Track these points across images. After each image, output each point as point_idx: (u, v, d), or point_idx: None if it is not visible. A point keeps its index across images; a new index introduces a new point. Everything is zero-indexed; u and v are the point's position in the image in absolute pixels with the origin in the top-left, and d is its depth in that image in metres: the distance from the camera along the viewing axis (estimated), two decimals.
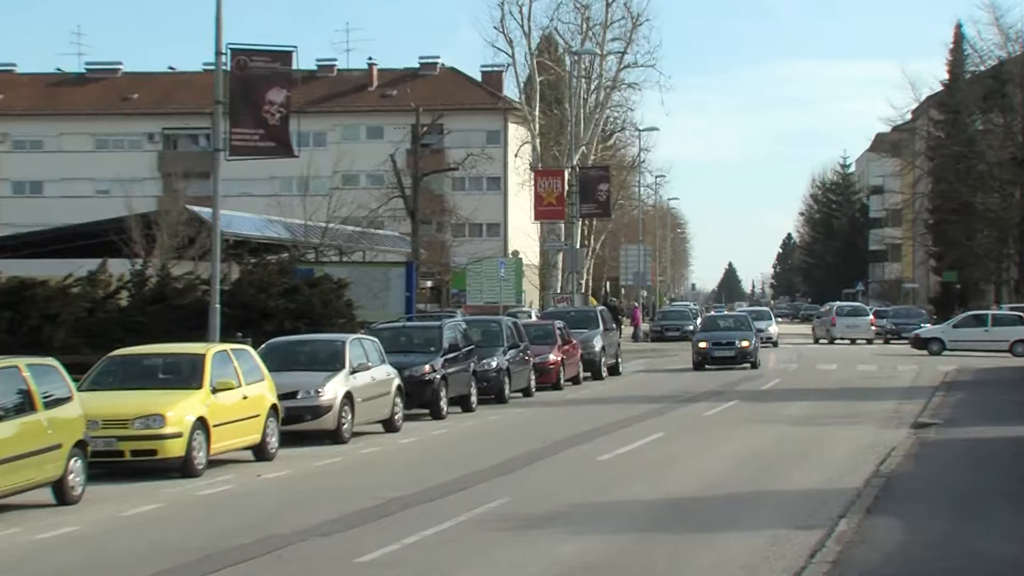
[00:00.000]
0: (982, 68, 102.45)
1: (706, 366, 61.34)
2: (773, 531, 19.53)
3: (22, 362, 24.14)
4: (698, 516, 21.53)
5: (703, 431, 35.33)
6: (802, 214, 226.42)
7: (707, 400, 44.45)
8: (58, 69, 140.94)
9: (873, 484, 23.76)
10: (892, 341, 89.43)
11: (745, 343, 61.99)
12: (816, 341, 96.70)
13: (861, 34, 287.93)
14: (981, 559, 16.86)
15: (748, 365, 61.67)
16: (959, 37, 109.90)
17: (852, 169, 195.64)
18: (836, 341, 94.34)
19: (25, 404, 22.98)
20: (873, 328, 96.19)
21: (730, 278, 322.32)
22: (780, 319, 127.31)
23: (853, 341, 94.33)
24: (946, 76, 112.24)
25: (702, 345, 63.20)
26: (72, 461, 23.72)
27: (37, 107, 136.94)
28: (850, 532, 18.67)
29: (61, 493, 23.52)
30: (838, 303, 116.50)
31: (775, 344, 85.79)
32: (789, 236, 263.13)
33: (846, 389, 49.49)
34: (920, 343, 76.05)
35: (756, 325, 77.97)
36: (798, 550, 17.92)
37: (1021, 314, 76.22)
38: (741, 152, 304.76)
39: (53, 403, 23.68)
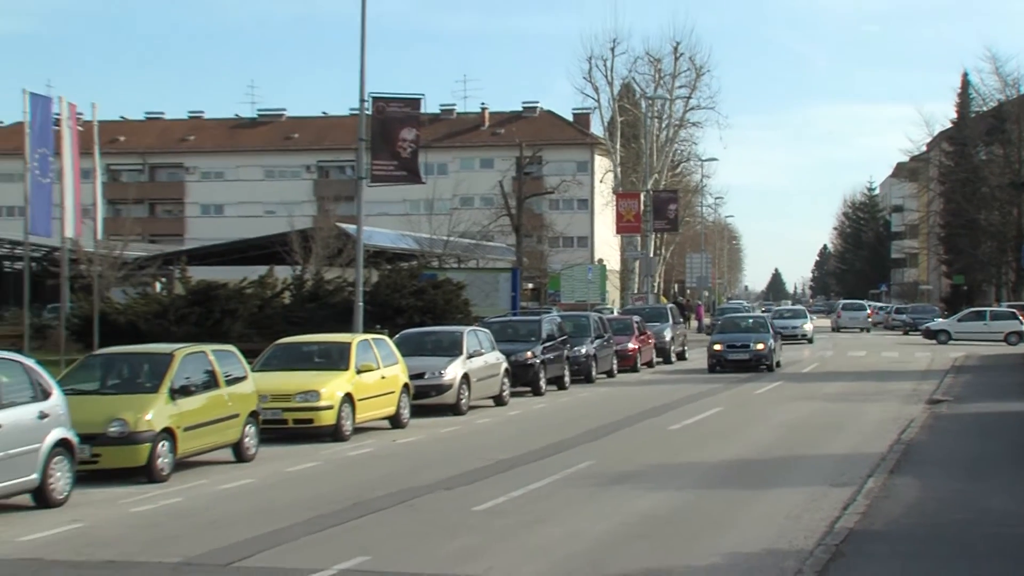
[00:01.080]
0: (985, 108, 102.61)
1: (717, 369, 47.75)
2: (813, 488, 19.51)
3: (208, 348, 24.61)
4: (751, 475, 21.51)
5: (754, 406, 35.08)
6: (836, 228, 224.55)
7: (757, 381, 44.00)
8: (236, 115, 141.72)
9: (895, 450, 23.64)
10: (910, 332, 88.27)
11: (760, 345, 47.70)
12: (832, 330, 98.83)
13: (884, 82, 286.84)
14: (989, 514, 16.83)
15: (764, 368, 47.68)
16: (965, 83, 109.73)
17: (877, 192, 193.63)
18: (842, 329, 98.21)
19: (211, 382, 23.35)
20: (870, 320, 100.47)
21: (776, 281, 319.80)
22: (817, 314, 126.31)
23: (862, 330, 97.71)
24: (955, 115, 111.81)
25: (716, 347, 48.72)
26: (247, 427, 24.09)
27: (220, 145, 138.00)
28: (876, 489, 18.67)
29: (239, 453, 23.96)
30: (844, 301, 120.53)
31: (810, 341, 73.87)
32: (825, 247, 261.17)
33: (873, 372, 48.90)
34: (930, 334, 75.32)
35: (792, 323, 74.40)
36: (833, 503, 17.91)
37: (1014, 310, 76.32)
38: (785, 178, 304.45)
39: (232, 381, 24.09)
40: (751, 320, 55.12)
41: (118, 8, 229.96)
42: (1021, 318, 72.47)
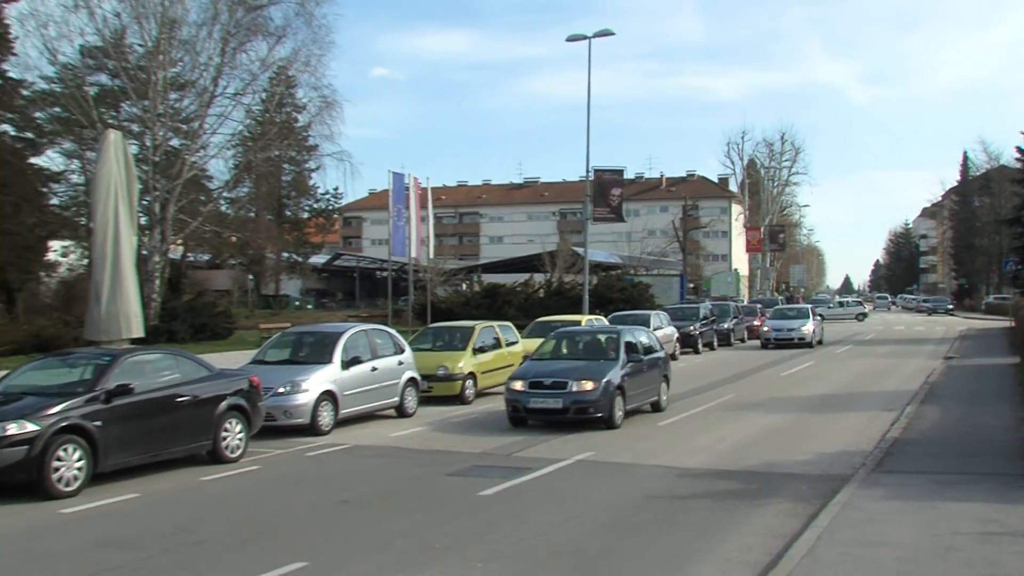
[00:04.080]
0: (978, 173, 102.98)
1: (530, 422, 17.80)
2: (872, 412, 19.18)
3: (495, 324, 24.85)
4: (832, 404, 21.02)
5: (835, 360, 34.14)
6: (884, 248, 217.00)
7: (835, 345, 42.79)
8: (510, 181, 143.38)
9: (924, 388, 23.19)
10: (932, 315, 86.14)
11: (587, 386, 17.08)
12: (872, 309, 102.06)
13: (915, 155, 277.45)
14: (982, 427, 16.53)
15: (600, 424, 17.23)
16: (965, 157, 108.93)
17: (911, 226, 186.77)
18: (876, 308, 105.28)
19: (496, 344, 23.63)
20: (890, 303, 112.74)
21: (847, 282, 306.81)
22: (871, 303, 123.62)
23: (888, 309, 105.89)
24: (959, 177, 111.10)
25: (517, 386, 17.75)
26: None
27: (500, 200, 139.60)
28: (912, 413, 18.44)
29: None
30: (876, 295, 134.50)
31: (811, 345, 40.90)
32: (878, 260, 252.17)
33: (908, 339, 47.31)
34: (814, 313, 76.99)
35: (787, 325, 41.83)
36: (885, 420, 17.69)
37: (861, 300, 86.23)
38: (853, 215, 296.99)
39: (509, 344, 24.30)
40: (601, 338, 20.08)
41: (442, 118, 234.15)
42: (864, 304, 79.66)
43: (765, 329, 42.32)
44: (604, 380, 17.24)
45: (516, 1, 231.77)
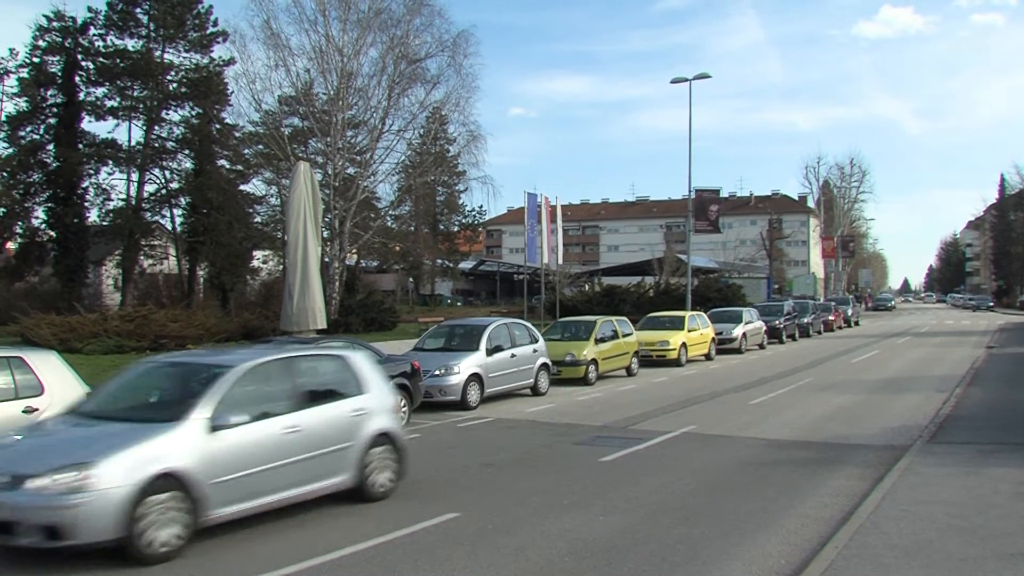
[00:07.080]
0: (1012, 192, 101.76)
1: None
2: (926, 392, 18.66)
3: (613, 319, 24.68)
4: (894, 386, 20.36)
5: (896, 350, 33.00)
6: (936, 255, 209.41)
7: (896, 336, 41.41)
8: (624, 199, 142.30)
9: (970, 372, 22.76)
10: (976, 311, 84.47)
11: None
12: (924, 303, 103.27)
13: (960, 178, 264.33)
14: (1018, 405, 16.23)
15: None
16: (1002, 179, 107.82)
17: (958, 236, 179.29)
18: (926, 301, 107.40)
19: (615, 335, 23.49)
20: (934, 300, 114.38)
21: (906, 283, 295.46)
22: (924, 299, 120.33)
23: (936, 302, 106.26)
24: (997, 195, 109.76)
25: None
26: (632, 359, 24.12)
27: (616, 215, 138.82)
28: (960, 393, 18.19)
29: (628, 372, 23.92)
30: (924, 292, 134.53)
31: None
32: (931, 265, 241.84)
33: (957, 331, 45.47)
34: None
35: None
36: (938, 400, 17.25)
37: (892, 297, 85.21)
38: (910, 227, 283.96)
39: (625, 335, 24.12)
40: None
41: (567, 147, 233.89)
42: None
43: None
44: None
45: (628, 51, 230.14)
